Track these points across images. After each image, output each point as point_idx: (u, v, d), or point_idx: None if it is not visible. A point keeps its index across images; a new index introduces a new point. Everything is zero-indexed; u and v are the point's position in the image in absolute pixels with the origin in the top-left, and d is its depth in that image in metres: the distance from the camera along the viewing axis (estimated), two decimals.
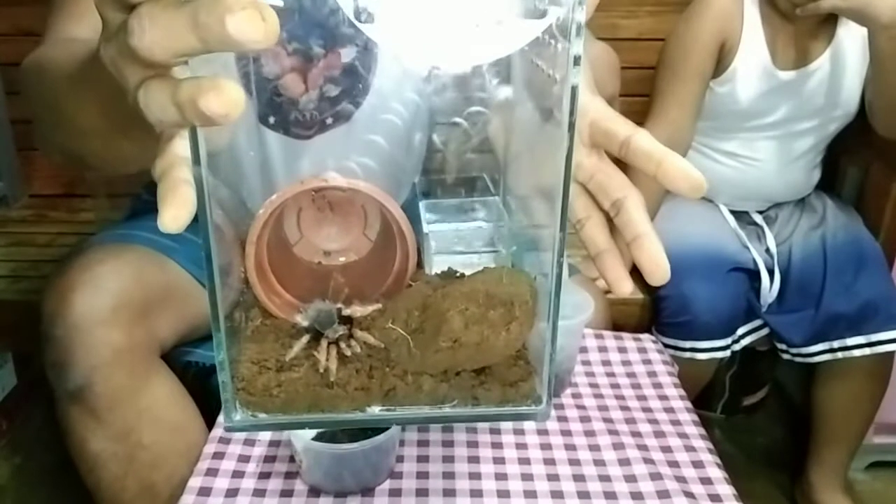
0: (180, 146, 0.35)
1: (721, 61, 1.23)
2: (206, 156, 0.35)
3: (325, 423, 0.46)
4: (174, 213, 0.32)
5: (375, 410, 0.43)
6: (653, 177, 0.41)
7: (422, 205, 0.54)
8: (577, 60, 0.35)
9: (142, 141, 0.36)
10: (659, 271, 0.42)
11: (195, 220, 0.35)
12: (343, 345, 0.43)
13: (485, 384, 0.43)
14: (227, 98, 0.28)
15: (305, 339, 0.44)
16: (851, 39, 1.21)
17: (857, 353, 1.19)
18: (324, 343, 0.43)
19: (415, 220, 0.51)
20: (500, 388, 0.43)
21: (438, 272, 0.49)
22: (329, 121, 0.69)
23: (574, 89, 0.36)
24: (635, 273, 1.35)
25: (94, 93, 0.45)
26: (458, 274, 0.48)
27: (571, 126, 0.36)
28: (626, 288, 0.44)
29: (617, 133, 0.43)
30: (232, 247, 0.44)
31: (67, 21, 0.70)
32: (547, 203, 0.40)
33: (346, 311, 0.44)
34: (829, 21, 1.21)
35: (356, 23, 0.32)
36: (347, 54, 0.62)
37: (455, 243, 0.51)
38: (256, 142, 0.68)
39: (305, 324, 0.44)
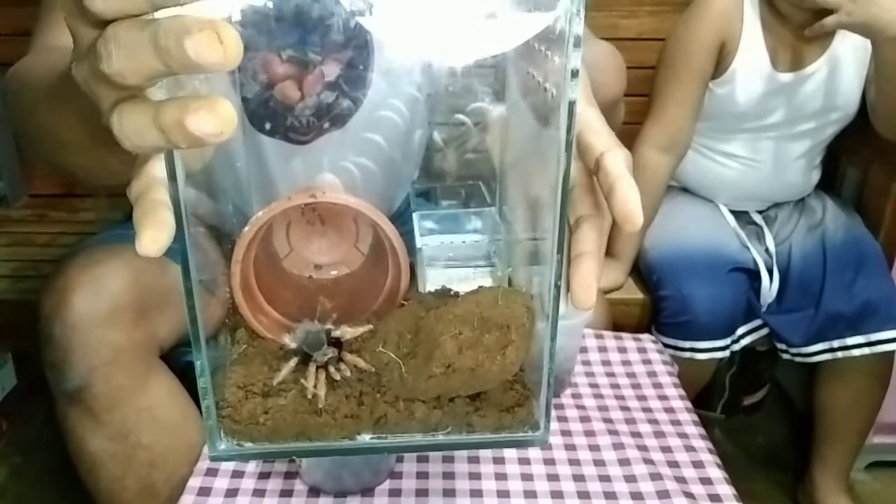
0: (157, 167, 0.34)
1: (720, 62, 1.23)
2: (185, 175, 0.33)
3: (314, 452, 0.44)
4: (153, 236, 0.31)
5: (366, 439, 0.41)
6: (606, 198, 0.39)
7: (415, 216, 0.52)
8: (574, 74, 0.34)
9: (127, 154, 0.35)
10: (584, 295, 0.39)
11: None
12: (332, 368, 0.42)
13: (480, 410, 0.42)
14: (221, 116, 0.27)
15: (293, 362, 0.42)
16: (849, 43, 1.21)
17: (856, 352, 1.18)
18: (312, 367, 0.42)
19: (408, 231, 0.49)
20: (495, 415, 0.42)
21: (432, 290, 0.47)
22: (327, 125, 0.69)
23: (571, 105, 0.34)
24: (634, 273, 1.34)
25: (74, 106, 0.44)
26: (452, 292, 0.47)
27: (569, 144, 0.35)
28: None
29: (595, 148, 0.40)
30: (218, 265, 0.43)
31: (53, 29, 0.69)
32: (540, 217, 0.39)
33: (336, 333, 0.43)
34: None
35: (357, 16, 0.31)
36: (343, 59, 0.62)
37: (449, 258, 0.50)
38: (251, 147, 0.67)
39: (293, 346, 0.43)
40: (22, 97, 0.57)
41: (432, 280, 0.48)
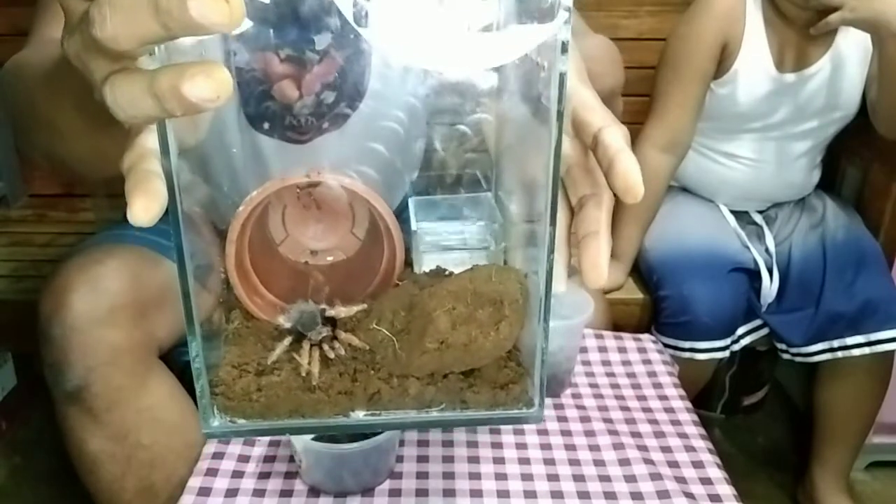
0: (149, 139, 0.33)
1: (722, 63, 1.23)
2: (178, 149, 0.33)
3: (308, 428, 0.44)
4: (144, 205, 0.31)
5: (360, 415, 0.41)
6: (605, 174, 0.39)
7: (411, 202, 0.53)
8: (564, 47, 0.33)
9: (123, 139, 0.34)
10: (595, 273, 0.39)
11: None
12: (326, 347, 0.42)
13: (474, 387, 0.41)
14: (217, 80, 0.27)
15: (287, 341, 0.42)
16: (851, 41, 1.21)
17: (856, 352, 1.18)
18: (306, 345, 0.42)
19: (404, 218, 0.49)
20: (489, 391, 0.41)
21: (427, 271, 0.47)
22: (325, 125, 0.69)
23: (562, 76, 0.34)
24: (635, 273, 1.34)
25: (70, 91, 0.43)
26: (446, 273, 0.47)
27: (560, 115, 0.35)
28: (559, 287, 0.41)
29: (591, 124, 0.40)
30: (212, 246, 0.43)
31: (50, 23, 0.69)
32: (535, 197, 0.39)
33: (331, 312, 0.43)
34: None
35: (356, 27, 0.31)
36: (342, 58, 0.61)
37: (445, 241, 0.50)
38: (248, 146, 0.67)
39: (288, 325, 0.42)
40: (18, 88, 0.57)
41: (428, 264, 0.48)
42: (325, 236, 0.50)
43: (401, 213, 0.49)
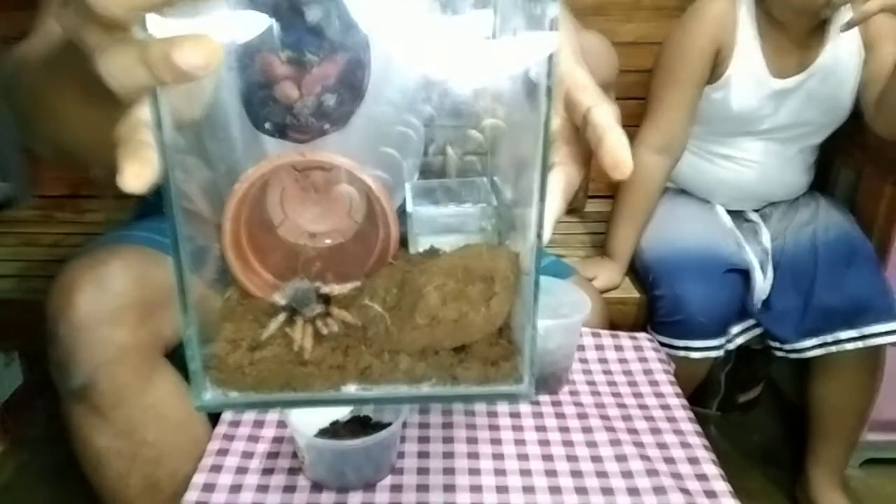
0: (143, 111, 0.34)
1: (716, 68, 1.24)
2: (172, 123, 0.33)
3: (299, 402, 0.44)
4: (136, 171, 0.30)
5: (351, 389, 0.41)
6: (595, 152, 0.39)
7: (407, 185, 0.53)
8: (553, 25, 0.34)
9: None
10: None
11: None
12: (320, 323, 0.42)
13: (464, 363, 0.42)
14: (207, 48, 0.27)
15: (282, 317, 0.42)
16: (843, 46, 1.22)
17: (849, 346, 1.19)
18: (300, 321, 0.42)
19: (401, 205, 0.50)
20: (480, 367, 0.41)
21: (421, 251, 0.48)
22: (326, 126, 0.69)
23: (550, 55, 0.35)
24: (631, 272, 1.35)
25: (71, 76, 0.44)
26: (440, 252, 0.47)
27: (549, 91, 0.35)
28: None
29: (582, 104, 0.40)
30: (209, 224, 0.43)
31: (50, 17, 0.70)
32: (526, 176, 0.39)
33: (325, 290, 0.43)
34: (822, 29, 1.22)
35: (374, 33, 0.32)
36: (342, 60, 0.62)
37: (440, 225, 0.50)
38: (251, 145, 0.68)
39: (283, 302, 0.43)
40: (21, 79, 0.57)
41: (423, 247, 0.48)
42: (323, 219, 0.50)
43: (399, 217, 0.50)
